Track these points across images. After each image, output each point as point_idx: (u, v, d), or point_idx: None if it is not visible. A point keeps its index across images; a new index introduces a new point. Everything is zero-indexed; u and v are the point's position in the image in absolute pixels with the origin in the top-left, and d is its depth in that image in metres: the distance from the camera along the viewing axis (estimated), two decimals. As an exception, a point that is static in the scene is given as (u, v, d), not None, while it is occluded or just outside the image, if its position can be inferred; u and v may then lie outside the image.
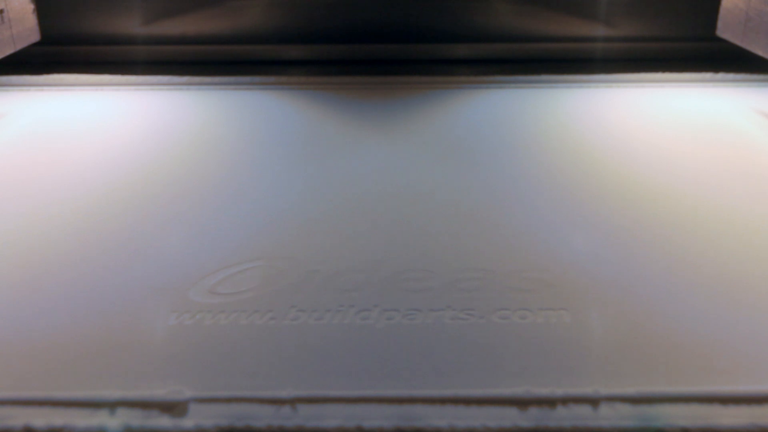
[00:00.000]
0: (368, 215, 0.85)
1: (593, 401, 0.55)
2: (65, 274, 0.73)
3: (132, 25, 1.46)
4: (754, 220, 0.83)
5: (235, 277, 0.72)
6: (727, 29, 1.36)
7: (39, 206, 0.87)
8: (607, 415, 0.54)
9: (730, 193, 0.90)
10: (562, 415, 0.54)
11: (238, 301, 0.68)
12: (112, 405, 0.55)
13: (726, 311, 0.67)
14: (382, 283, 0.71)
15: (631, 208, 0.86)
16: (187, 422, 0.54)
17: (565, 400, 0.55)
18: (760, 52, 1.25)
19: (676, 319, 0.66)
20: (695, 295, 0.69)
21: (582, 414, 0.54)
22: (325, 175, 0.96)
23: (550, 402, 0.55)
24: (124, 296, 0.69)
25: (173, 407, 0.55)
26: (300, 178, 0.95)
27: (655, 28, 1.47)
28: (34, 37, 1.38)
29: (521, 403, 0.55)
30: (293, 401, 0.55)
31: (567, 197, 0.89)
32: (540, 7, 1.47)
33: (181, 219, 0.84)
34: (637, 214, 0.85)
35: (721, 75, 1.34)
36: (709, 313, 0.66)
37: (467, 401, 0.55)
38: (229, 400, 0.55)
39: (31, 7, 1.36)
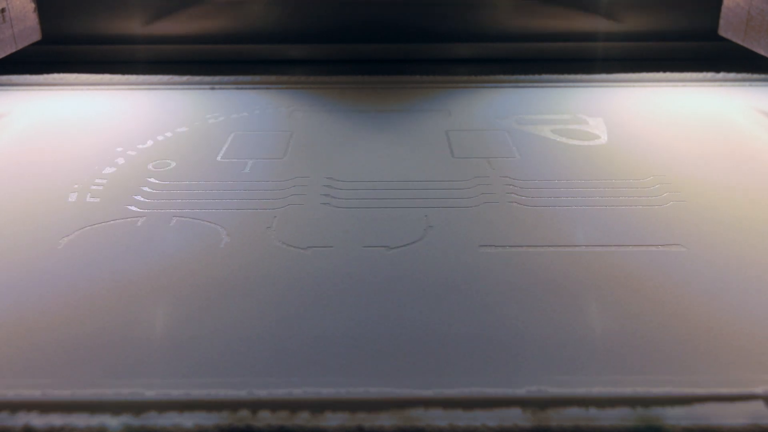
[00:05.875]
0: (367, 215, 0.85)
1: (593, 401, 0.55)
2: (65, 273, 0.73)
3: (133, 24, 1.46)
4: (756, 220, 0.83)
5: (234, 276, 0.72)
6: (728, 28, 1.36)
7: (39, 206, 0.87)
8: (607, 415, 0.54)
9: (732, 193, 0.90)
10: (562, 415, 0.54)
11: (237, 301, 0.68)
12: (112, 405, 0.55)
13: (727, 310, 0.67)
14: (382, 282, 0.71)
15: (631, 208, 0.86)
16: (187, 422, 0.53)
17: (565, 400, 0.55)
18: (761, 52, 1.25)
19: (677, 319, 0.65)
20: (696, 294, 0.69)
21: (582, 414, 0.54)
22: (325, 175, 0.96)
23: (550, 402, 0.55)
24: (125, 295, 0.69)
25: (173, 407, 0.55)
26: (299, 178, 0.95)
27: (656, 28, 1.47)
28: (35, 36, 1.38)
29: (521, 403, 0.55)
30: (293, 401, 0.55)
31: (567, 196, 0.89)
32: (540, 6, 1.47)
33: (181, 217, 0.84)
34: (637, 213, 0.85)
35: (722, 74, 1.34)
36: (711, 311, 0.66)
37: (467, 401, 0.55)
38: (229, 400, 0.55)
39: (32, 6, 1.36)
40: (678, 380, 0.58)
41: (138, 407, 0.54)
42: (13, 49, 1.28)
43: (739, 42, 1.32)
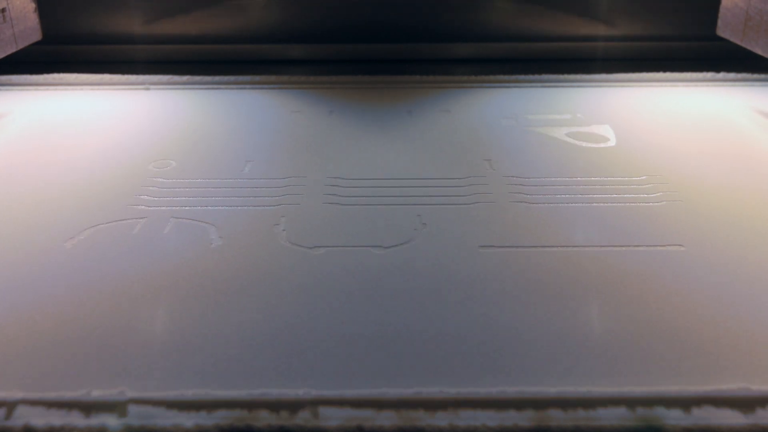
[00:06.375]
0: (368, 215, 0.85)
1: (593, 401, 0.55)
2: (65, 272, 0.73)
3: (133, 24, 1.46)
4: (756, 220, 0.83)
5: (235, 276, 0.72)
6: (727, 28, 1.36)
7: (40, 205, 0.87)
8: (607, 415, 0.54)
9: (732, 193, 0.90)
10: (562, 415, 0.54)
11: (236, 299, 0.68)
12: (112, 405, 0.55)
13: (727, 310, 0.67)
14: (382, 283, 0.71)
15: (631, 208, 0.86)
16: (187, 422, 0.54)
17: (565, 400, 0.55)
18: (759, 52, 1.25)
19: (677, 318, 0.65)
20: (696, 294, 0.69)
21: (582, 414, 0.54)
22: (325, 173, 0.96)
23: (550, 402, 0.55)
24: (127, 295, 0.69)
25: (173, 406, 0.55)
26: (300, 178, 0.95)
27: (655, 28, 1.47)
28: (36, 36, 1.38)
29: (521, 403, 0.55)
30: (293, 401, 0.55)
31: (570, 195, 0.89)
32: (540, 6, 1.47)
33: (182, 217, 0.84)
34: (637, 213, 0.85)
35: (721, 74, 1.34)
36: (711, 311, 0.66)
37: (467, 401, 0.55)
38: (229, 400, 0.55)
39: (32, 6, 1.36)
40: (678, 380, 0.58)
41: (138, 407, 0.55)
42: (14, 49, 1.28)
43: (738, 42, 1.32)
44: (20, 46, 1.31)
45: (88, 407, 0.55)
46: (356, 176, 0.96)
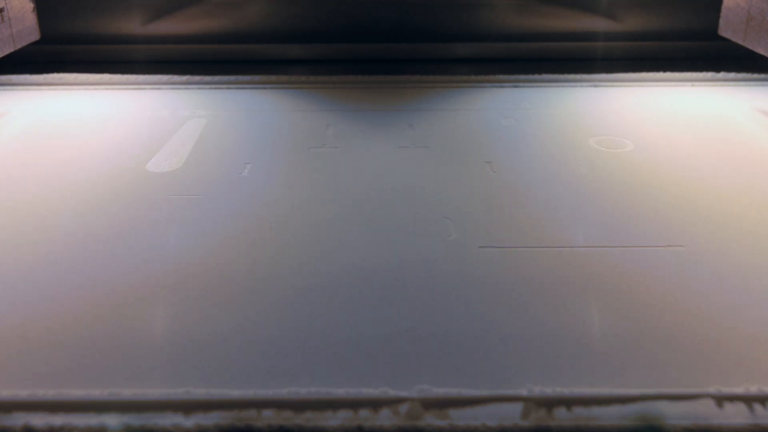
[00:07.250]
0: (368, 215, 0.85)
1: (593, 401, 0.55)
2: (65, 273, 0.73)
3: (132, 24, 1.46)
4: (756, 220, 0.83)
5: (235, 277, 0.72)
6: (728, 28, 1.36)
7: (39, 205, 0.87)
8: (607, 415, 0.54)
9: (732, 193, 0.90)
10: (562, 415, 0.54)
11: (237, 299, 0.68)
12: (112, 405, 0.55)
13: (728, 311, 0.67)
14: (383, 283, 0.71)
15: (631, 208, 0.86)
16: (187, 422, 0.53)
17: (566, 400, 0.55)
18: (762, 51, 1.25)
19: (677, 319, 0.65)
20: (697, 295, 0.69)
21: (583, 414, 0.54)
22: (325, 175, 0.96)
23: (550, 402, 0.55)
24: (127, 296, 0.69)
25: (173, 407, 0.55)
26: (299, 178, 0.95)
27: (656, 28, 1.47)
28: (34, 36, 1.38)
29: (521, 402, 0.55)
30: (293, 401, 0.55)
31: (570, 195, 0.89)
32: (540, 5, 1.47)
33: (181, 217, 0.84)
34: (637, 213, 0.85)
35: (722, 74, 1.34)
36: (711, 312, 0.66)
37: (467, 401, 0.55)
38: (229, 400, 0.55)
39: (30, 5, 1.36)
40: (678, 380, 0.58)
41: (138, 407, 0.54)
42: (12, 49, 1.28)
43: (740, 42, 1.32)
44: (18, 46, 1.31)
45: (87, 407, 0.55)
46: (356, 176, 0.95)
